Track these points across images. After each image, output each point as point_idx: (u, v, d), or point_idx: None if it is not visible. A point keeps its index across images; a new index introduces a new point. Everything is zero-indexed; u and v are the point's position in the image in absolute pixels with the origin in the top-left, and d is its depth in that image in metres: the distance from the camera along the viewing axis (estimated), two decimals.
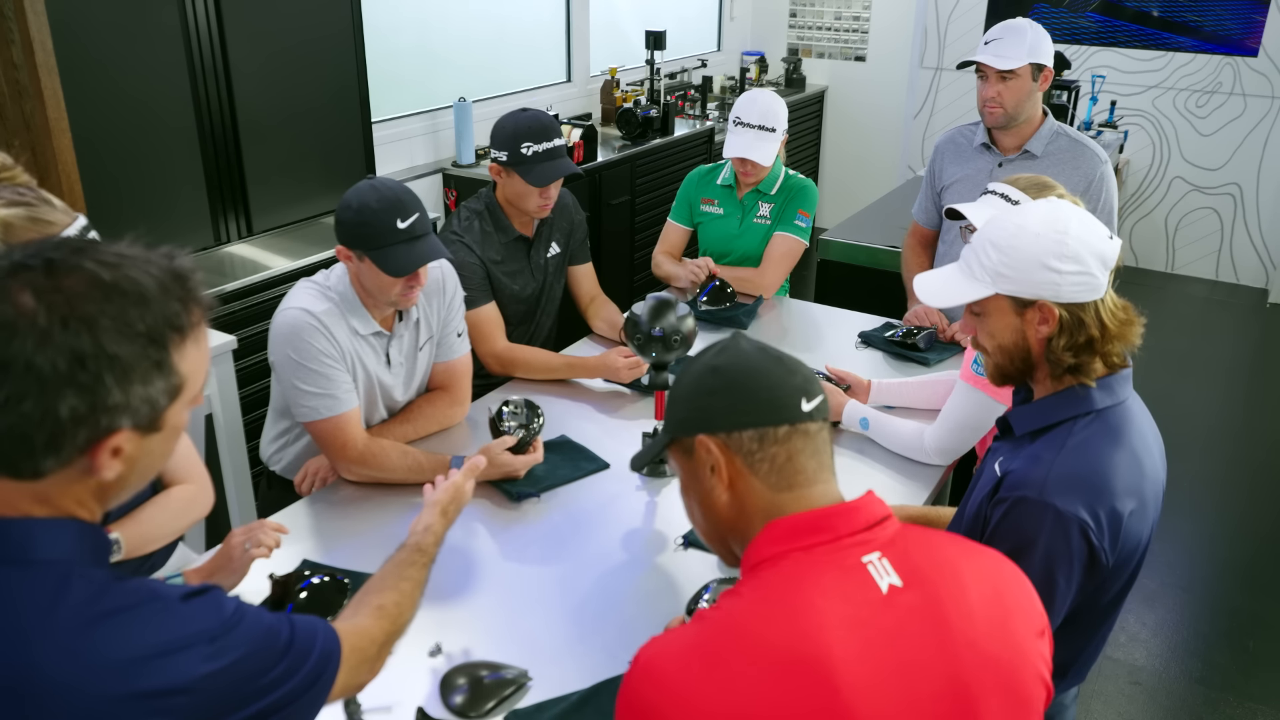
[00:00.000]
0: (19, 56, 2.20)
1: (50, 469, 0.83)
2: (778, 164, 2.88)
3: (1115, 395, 1.34)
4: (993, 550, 1.10)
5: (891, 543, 1.01)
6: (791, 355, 1.09)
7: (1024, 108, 2.51)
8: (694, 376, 1.09)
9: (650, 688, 0.94)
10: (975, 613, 0.99)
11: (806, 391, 1.04)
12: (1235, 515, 3.58)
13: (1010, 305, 1.34)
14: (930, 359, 2.51)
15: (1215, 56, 5.49)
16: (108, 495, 0.91)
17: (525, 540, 1.80)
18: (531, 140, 2.32)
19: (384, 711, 1.38)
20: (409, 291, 1.89)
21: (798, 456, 1.02)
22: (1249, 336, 5.27)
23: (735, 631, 0.95)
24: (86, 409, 0.81)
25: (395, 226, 1.82)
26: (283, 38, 3.02)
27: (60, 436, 0.81)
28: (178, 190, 2.83)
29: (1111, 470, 1.29)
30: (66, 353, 0.79)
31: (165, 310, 0.85)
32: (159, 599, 0.87)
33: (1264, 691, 2.71)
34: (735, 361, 1.06)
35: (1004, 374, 1.40)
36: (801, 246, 2.88)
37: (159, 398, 0.86)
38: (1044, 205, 1.35)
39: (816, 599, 0.95)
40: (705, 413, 1.05)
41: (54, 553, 0.85)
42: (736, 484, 1.04)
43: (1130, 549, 1.33)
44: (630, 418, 2.25)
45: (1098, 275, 1.29)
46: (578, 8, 4.91)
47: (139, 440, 0.87)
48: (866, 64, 6.33)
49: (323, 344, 1.87)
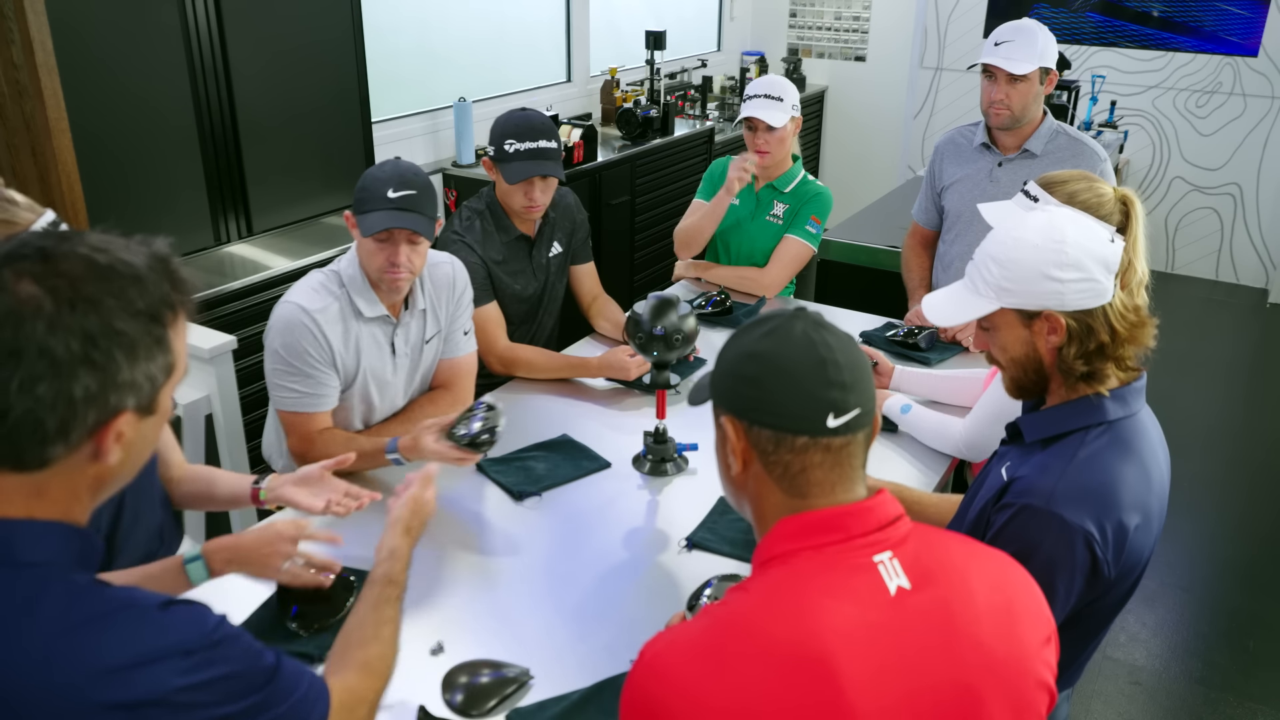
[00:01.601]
0: (19, 56, 2.20)
1: (57, 456, 0.84)
2: (797, 164, 2.90)
3: (1129, 407, 1.33)
4: (1003, 554, 1.10)
5: (903, 543, 1.00)
6: (848, 353, 1.02)
7: (1029, 109, 2.51)
8: (735, 352, 1.05)
9: (656, 684, 0.94)
10: (982, 617, 0.99)
11: (837, 406, 0.99)
12: (1235, 515, 3.58)
13: (1017, 318, 1.33)
14: (931, 359, 2.51)
15: (1215, 56, 5.50)
16: (102, 486, 0.91)
17: (527, 539, 1.80)
18: (515, 138, 2.33)
19: (385, 710, 1.38)
20: (390, 270, 1.90)
21: (812, 469, 1.01)
22: (1249, 336, 5.27)
23: (742, 628, 0.95)
24: (98, 388, 0.82)
25: (385, 195, 1.86)
26: (283, 37, 3.02)
27: (71, 420, 0.82)
28: (178, 190, 2.83)
29: (1121, 485, 1.28)
30: (79, 334, 0.81)
31: (159, 289, 0.87)
32: (135, 607, 0.86)
33: (1264, 691, 2.71)
34: (776, 353, 1.01)
35: (1020, 386, 1.40)
36: (810, 252, 2.88)
37: (158, 375, 0.88)
38: (1040, 216, 1.34)
39: (824, 598, 0.95)
40: (732, 396, 1.04)
41: (36, 555, 0.85)
42: (750, 467, 1.04)
43: (1133, 561, 1.32)
44: (631, 417, 2.25)
45: (1102, 280, 1.28)
46: (578, 8, 4.91)
47: (137, 423, 0.88)
48: (866, 64, 6.33)
49: (311, 347, 1.90)
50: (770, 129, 2.76)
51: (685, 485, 1.98)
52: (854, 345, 1.04)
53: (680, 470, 2.02)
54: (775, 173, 2.88)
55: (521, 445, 2.08)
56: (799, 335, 1.01)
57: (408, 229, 1.87)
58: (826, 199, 2.89)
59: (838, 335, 1.03)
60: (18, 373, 0.79)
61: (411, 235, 1.89)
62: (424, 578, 1.66)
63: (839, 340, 1.02)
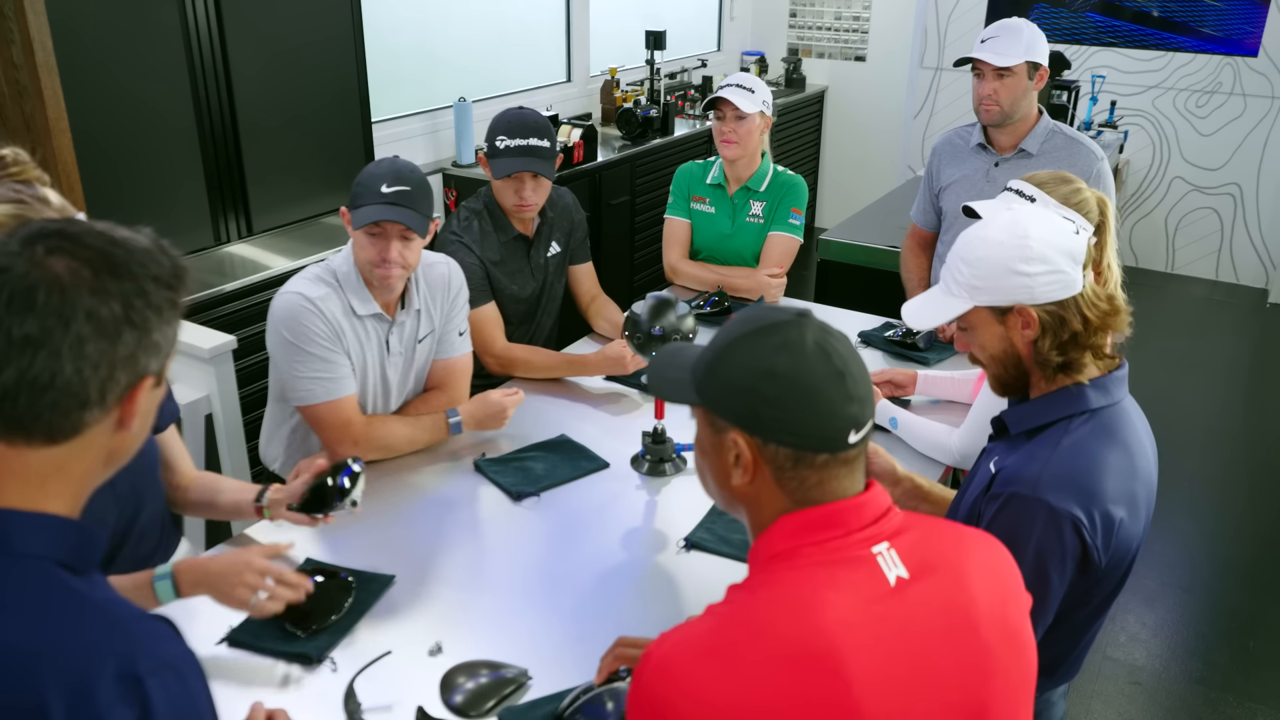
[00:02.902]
0: (19, 56, 2.20)
1: (90, 422, 0.87)
2: (766, 161, 2.89)
3: (1110, 396, 1.36)
4: (982, 533, 1.12)
5: (897, 533, 1.02)
6: (854, 357, 1.02)
7: (1020, 105, 2.52)
8: (749, 370, 1.00)
9: (664, 685, 0.94)
10: (978, 600, 1.01)
11: (858, 421, 1.00)
12: (1235, 515, 3.58)
13: (991, 315, 1.37)
14: (930, 358, 2.52)
15: (1215, 56, 5.50)
16: (112, 462, 0.93)
17: (525, 539, 1.80)
18: (507, 134, 2.33)
19: (384, 710, 1.38)
20: (381, 265, 1.89)
21: (829, 482, 1.01)
22: (1249, 336, 5.27)
23: (748, 626, 0.95)
24: (135, 346, 0.87)
25: (379, 190, 1.86)
26: (283, 37, 3.02)
27: (109, 381, 0.86)
28: (178, 190, 2.83)
29: (1105, 470, 1.30)
30: (119, 297, 0.86)
31: (167, 260, 0.92)
32: (110, 612, 0.85)
33: (1264, 691, 2.71)
34: (797, 370, 0.99)
35: (1003, 383, 1.42)
36: (797, 244, 2.88)
37: (175, 341, 0.93)
38: (1005, 215, 1.38)
39: (828, 592, 0.96)
40: (750, 415, 1.01)
41: (29, 547, 0.85)
42: (756, 480, 1.03)
43: (1123, 550, 1.34)
44: (630, 417, 2.25)
45: (1069, 271, 1.31)
46: (578, 8, 4.91)
47: (150, 394, 0.92)
48: (866, 64, 6.33)
49: (318, 326, 1.88)
50: (740, 116, 2.74)
51: (684, 485, 1.98)
52: (850, 343, 1.04)
53: (679, 470, 2.02)
54: (745, 174, 2.86)
55: (520, 446, 2.08)
56: (813, 348, 0.99)
57: (399, 223, 1.86)
58: (801, 188, 2.88)
59: (840, 338, 1.03)
60: (68, 337, 0.83)
61: (404, 231, 1.87)
62: (422, 578, 1.67)
63: (844, 344, 1.02)
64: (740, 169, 2.86)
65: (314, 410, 1.92)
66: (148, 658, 0.84)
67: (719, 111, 2.76)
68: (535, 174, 2.36)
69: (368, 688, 1.41)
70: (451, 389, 2.17)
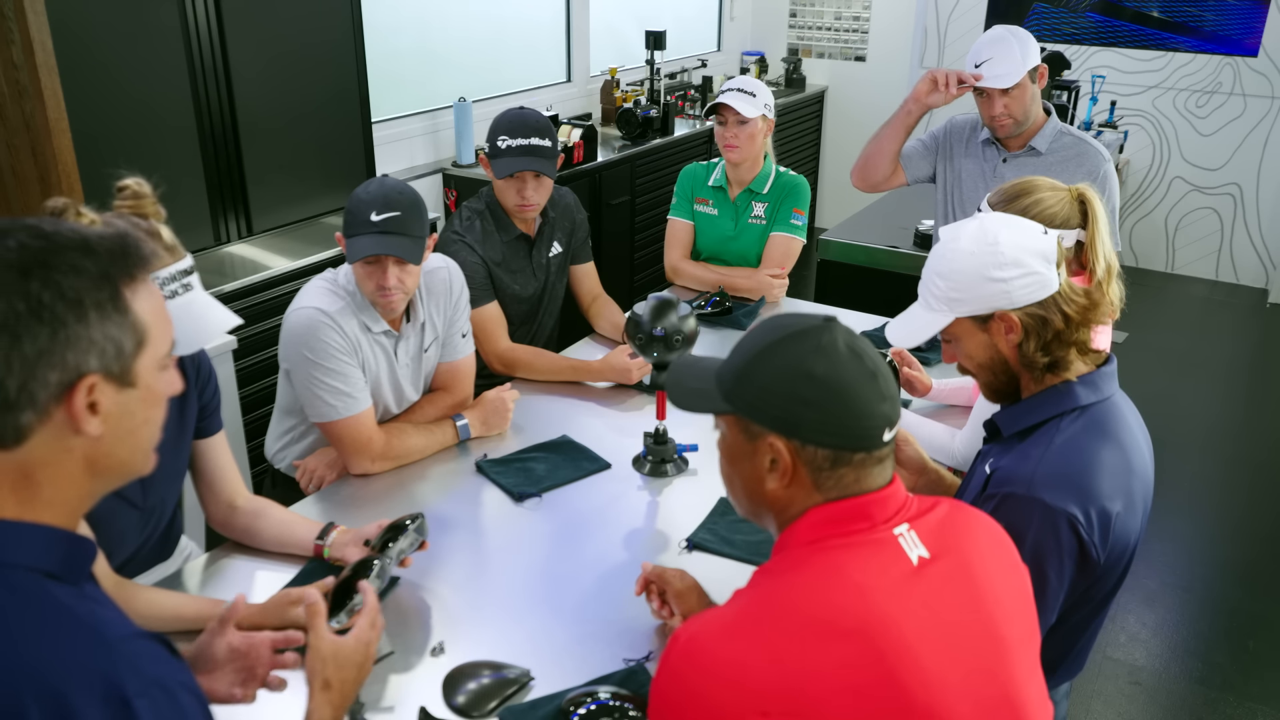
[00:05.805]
0: (19, 56, 2.19)
1: (29, 424, 0.83)
2: (769, 163, 2.89)
3: (1100, 391, 1.37)
4: (982, 513, 1.16)
5: (916, 515, 1.06)
6: (878, 357, 1.06)
7: (1031, 112, 2.50)
8: (786, 374, 1.03)
9: (693, 670, 0.94)
10: (994, 574, 1.06)
11: (890, 420, 1.04)
12: (1235, 515, 3.58)
13: (973, 325, 1.38)
14: (931, 359, 2.51)
15: (1215, 56, 5.50)
16: (100, 468, 0.88)
17: (527, 540, 1.80)
18: (508, 134, 2.34)
19: (386, 711, 1.38)
20: (382, 293, 1.89)
21: (865, 479, 1.04)
22: (1249, 336, 5.27)
23: (778, 606, 0.97)
24: (50, 344, 0.82)
25: (369, 219, 1.85)
26: (283, 38, 3.02)
27: (31, 380, 0.82)
28: (178, 190, 2.82)
29: (1099, 466, 1.30)
30: (23, 295, 0.81)
31: (109, 256, 0.87)
32: (93, 630, 0.83)
33: (1264, 691, 2.71)
34: (834, 373, 1.02)
35: (995, 390, 1.44)
36: (799, 244, 2.88)
37: (123, 340, 0.86)
38: (971, 224, 1.39)
39: (855, 572, 0.98)
40: (791, 420, 1.03)
41: (12, 557, 0.83)
42: (793, 483, 1.05)
43: (1121, 546, 1.34)
44: (632, 418, 2.25)
45: (1043, 271, 1.32)
46: (578, 8, 4.91)
47: (113, 393, 0.86)
48: (866, 64, 6.34)
49: (337, 340, 1.88)
50: (741, 121, 2.74)
51: (685, 486, 1.98)
52: (873, 346, 1.08)
53: (680, 471, 2.02)
54: (748, 176, 2.86)
55: (521, 446, 2.08)
56: (845, 350, 1.03)
57: (392, 255, 1.85)
58: (803, 188, 2.88)
59: (864, 340, 1.07)
60: None
61: (399, 258, 1.87)
62: (424, 579, 1.67)
63: (870, 346, 1.07)
64: (743, 172, 2.86)
65: (334, 427, 1.92)
66: (135, 679, 0.81)
67: (721, 117, 2.76)
68: (537, 173, 2.36)
69: (370, 688, 1.41)
70: (457, 390, 2.17)
